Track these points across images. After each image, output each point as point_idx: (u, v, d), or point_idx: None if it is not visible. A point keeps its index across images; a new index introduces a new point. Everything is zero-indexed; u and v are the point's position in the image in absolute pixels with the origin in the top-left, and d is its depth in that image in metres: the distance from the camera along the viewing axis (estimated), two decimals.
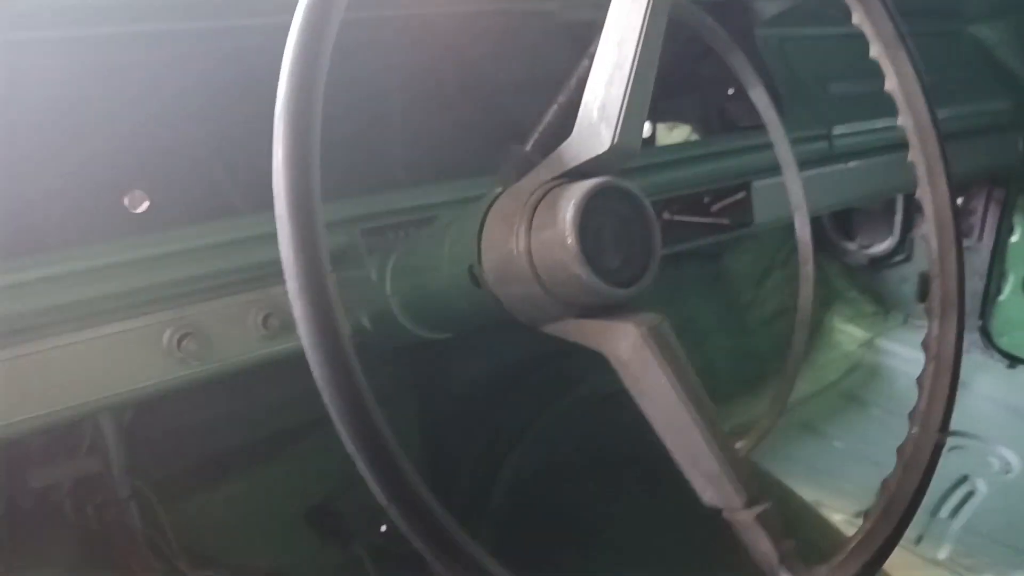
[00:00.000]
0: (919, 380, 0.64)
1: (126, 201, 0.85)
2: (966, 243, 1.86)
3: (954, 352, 0.63)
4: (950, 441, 1.71)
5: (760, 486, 0.54)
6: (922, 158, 0.66)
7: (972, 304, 1.89)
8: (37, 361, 0.70)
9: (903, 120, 0.67)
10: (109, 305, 0.72)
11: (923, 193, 0.66)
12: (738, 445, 0.78)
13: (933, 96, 1.53)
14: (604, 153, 0.57)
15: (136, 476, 1.08)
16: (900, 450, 0.61)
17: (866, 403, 1.93)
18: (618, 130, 0.56)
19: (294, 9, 0.48)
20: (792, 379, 0.87)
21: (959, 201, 1.83)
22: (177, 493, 1.18)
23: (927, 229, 0.66)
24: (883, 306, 2.12)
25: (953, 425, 1.82)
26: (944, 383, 0.62)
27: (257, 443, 1.28)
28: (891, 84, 0.67)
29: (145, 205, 0.86)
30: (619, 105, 0.56)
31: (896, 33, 0.66)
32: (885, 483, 0.60)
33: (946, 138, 1.54)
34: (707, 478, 0.54)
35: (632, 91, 0.56)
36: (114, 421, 0.99)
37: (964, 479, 1.64)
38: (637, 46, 0.56)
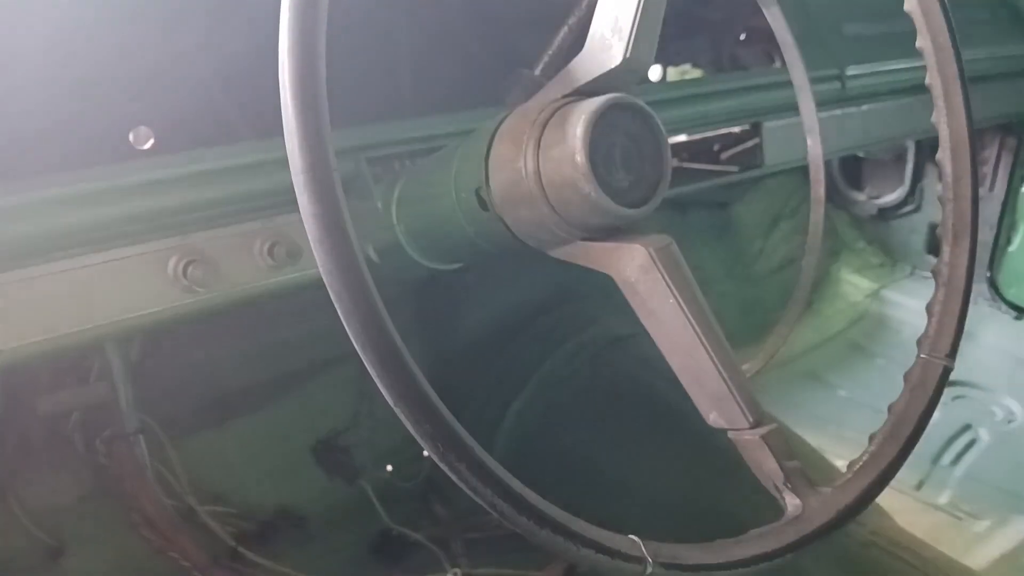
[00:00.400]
0: (928, 306, 0.63)
1: (131, 137, 0.85)
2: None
3: (965, 278, 0.62)
4: (954, 390, 1.73)
5: None
6: (939, 80, 0.64)
7: (980, 256, 1.87)
8: (42, 285, 0.69)
9: (921, 42, 0.66)
10: (114, 230, 0.72)
11: (939, 116, 0.65)
12: (745, 367, 0.78)
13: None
14: (616, 68, 0.56)
15: (145, 412, 1.08)
16: (907, 375, 0.61)
17: (871, 353, 1.93)
18: (631, 44, 0.55)
19: None
20: (801, 304, 0.86)
21: None
22: (185, 429, 1.19)
23: (941, 154, 0.65)
24: (890, 257, 2.11)
25: (959, 375, 1.82)
26: (953, 309, 0.61)
27: (264, 381, 1.28)
28: (910, 5, 0.65)
29: (150, 142, 0.85)
30: (632, 18, 0.55)
31: None
32: (891, 407, 0.60)
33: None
34: (713, 399, 0.54)
35: (645, 4, 0.55)
36: (121, 353, 0.99)
37: (967, 428, 1.65)
38: None
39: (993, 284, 1.90)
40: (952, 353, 0.60)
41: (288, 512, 1.26)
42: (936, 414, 1.70)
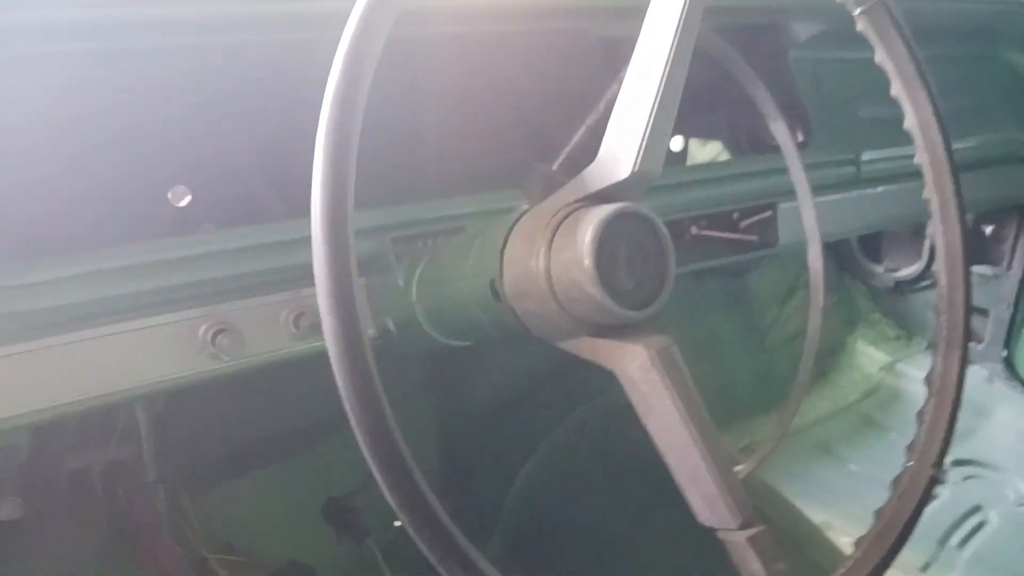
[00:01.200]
0: (919, 414, 0.65)
1: (169, 195, 0.90)
2: (994, 271, 1.85)
3: (955, 389, 0.64)
4: (965, 470, 1.72)
5: (766, 504, 0.56)
6: (936, 195, 0.68)
7: (997, 334, 1.88)
8: (79, 350, 0.74)
9: (920, 157, 0.69)
10: (149, 300, 0.76)
11: (936, 229, 0.68)
12: (737, 468, 0.80)
13: (966, 120, 1.53)
14: (625, 179, 0.60)
15: (164, 464, 1.12)
16: (896, 480, 0.63)
17: (884, 427, 1.92)
18: (639, 159, 0.59)
19: (340, 28, 0.51)
20: (796, 406, 0.89)
21: (988, 230, 1.85)
22: (202, 481, 1.22)
23: (937, 265, 0.67)
24: (906, 330, 2.11)
25: (972, 454, 1.81)
26: (943, 419, 0.63)
27: (280, 438, 1.32)
28: (910, 122, 0.69)
29: (187, 199, 0.91)
30: (641, 135, 0.59)
31: (916, 72, 0.67)
32: (879, 511, 0.62)
33: (977, 165, 1.55)
34: (704, 498, 0.57)
35: (655, 122, 0.59)
36: (147, 410, 1.03)
37: (977, 509, 1.63)
38: (662, 78, 0.59)
39: (1009, 363, 1.90)
40: (940, 461, 0.62)
41: (297, 566, 1.29)
42: (945, 494, 1.71)
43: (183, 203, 0.91)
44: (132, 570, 1.12)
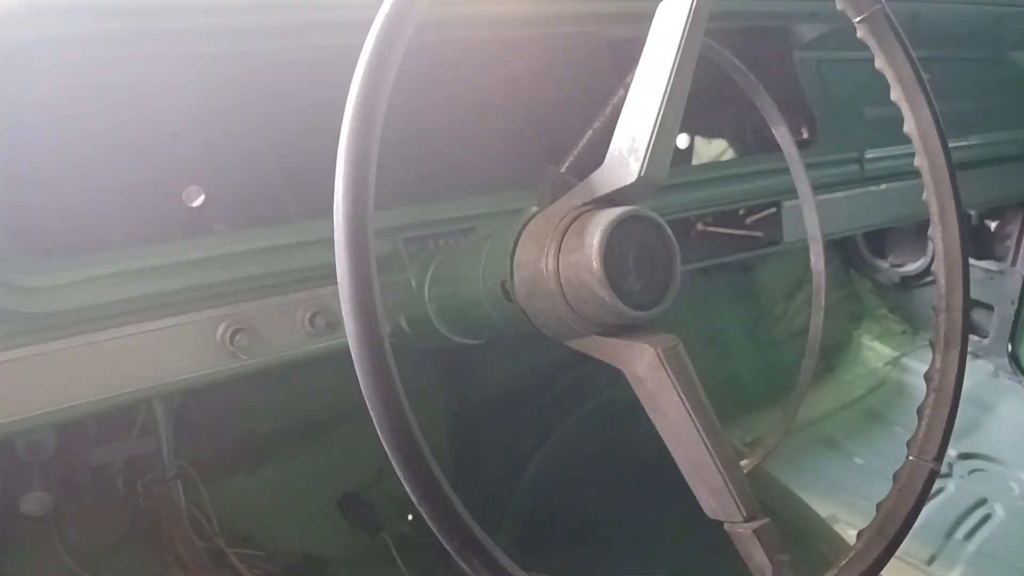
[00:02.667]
0: (919, 410, 0.67)
1: (184, 196, 0.93)
2: (999, 267, 1.86)
3: (954, 386, 0.66)
4: (971, 463, 1.74)
5: (772, 497, 0.58)
6: (935, 199, 0.69)
7: (1002, 329, 1.90)
8: (102, 349, 0.76)
9: (919, 161, 0.71)
10: (169, 300, 0.79)
11: (935, 232, 0.69)
12: (742, 463, 0.82)
13: (971, 119, 1.54)
14: (632, 184, 0.61)
15: (182, 457, 1.15)
16: (896, 475, 0.65)
17: (890, 421, 1.94)
18: (645, 164, 0.60)
19: (355, 36, 0.53)
20: (798, 404, 0.91)
21: (993, 226, 1.86)
22: (219, 474, 1.25)
23: (936, 266, 0.69)
24: (912, 325, 2.13)
25: (977, 448, 1.82)
26: (942, 415, 0.65)
27: (296, 431, 1.35)
28: (909, 126, 0.71)
29: (201, 199, 0.93)
30: (647, 141, 0.60)
31: (915, 78, 0.69)
32: (880, 505, 0.64)
33: (982, 163, 1.56)
34: (711, 492, 0.59)
35: (660, 128, 0.60)
36: (166, 406, 1.06)
37: (982, 502, 1.65)
38: (667, 87, 0.61)
39: (1015, 358, 1.91)
40: (939, 456, 0.64)
41: (312, 558, 1.32)
42: (951, 487, 1.72)
43: (196, 203, 0.93)
44: (152, 562, 1.15)
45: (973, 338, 1.95)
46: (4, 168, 0.71)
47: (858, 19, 0.69)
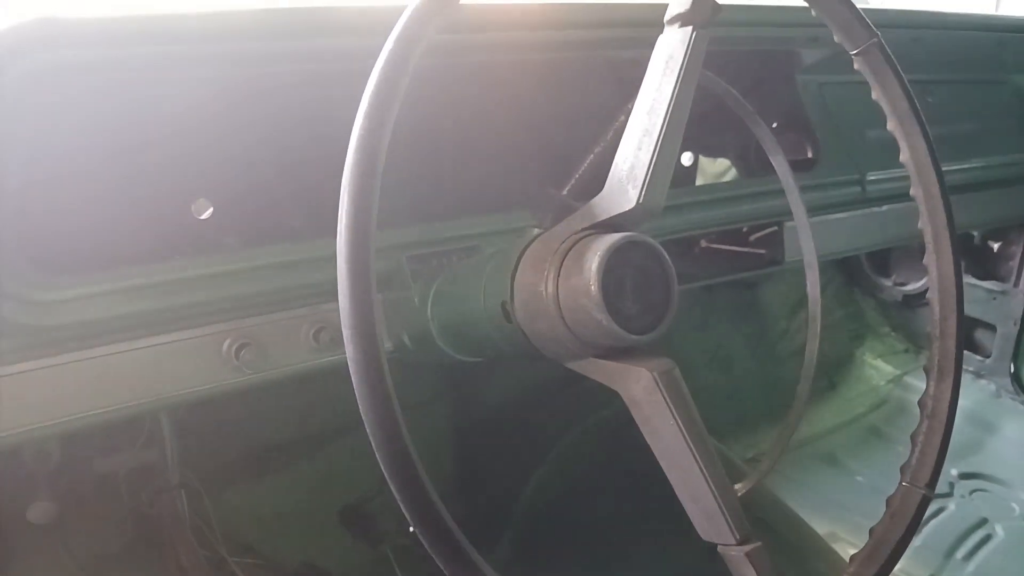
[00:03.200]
0: (913, 436, 0.68)
1: (192, 208, 0.94)
2: (1001, 287, 1.87)
3: (947, 413, 0.67)
4: (972, 483, 1.74)
5: (771, 515, 0.58)
6: (930, 228, 0.70)
7: (1004, 349, 1.90)
8: (110, 362, 0.78)
9: (914, 191, 0.72)
10: (176, 315, 0.80)
11: (929, 260, 0.71)
12: (736, 486, 0.83)
13: (974, 141, 1.55)
14: (630, 210, 0.63)
15: (186, 467, 1.16)
16: (889, 500, 0.66)
17: (891, 439, 1.95)
18: (643, 191, 0.62)
19: (370, 63, 0.55)
20: (793, 427, 0.92)
21: (996, 247, 1.86)
22: (223, 485, 1.26)
23: (931, 294, 0.70)
24: (915, 344, 2.13)
25: (979, 468, 1.82)
26: (935, 442, 0.66)
27: (298, 442, 1.36)
28: (905, 157, 0.72)
29: (209, 212, 0.95)
30: (646, 169, 0.62)
31: (911, 109, 0.70)
32: (872, 530, 0.65)
33: (985, 185, 1.57)
34: (704, 514, 0.60)
35: (659, 156, 0.62)
36: (171, 417, 1.07)
37: (983, 522, 1.65)
38: (665, 116, 0.62)
39: (1017, 378, 1.91)
40: (932, 483, 0.65)
41: (313, 568, 1.33)
42: (952, 507, 1.72)
43: (204, 216, 0.95)
44: (155, 571, 1.16)
45: (975, 358, 1.95)
46: (18, 185, 0.73)
47: (854, 52, 0.70)
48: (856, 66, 0.71)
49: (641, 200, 0.62)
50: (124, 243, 0.87)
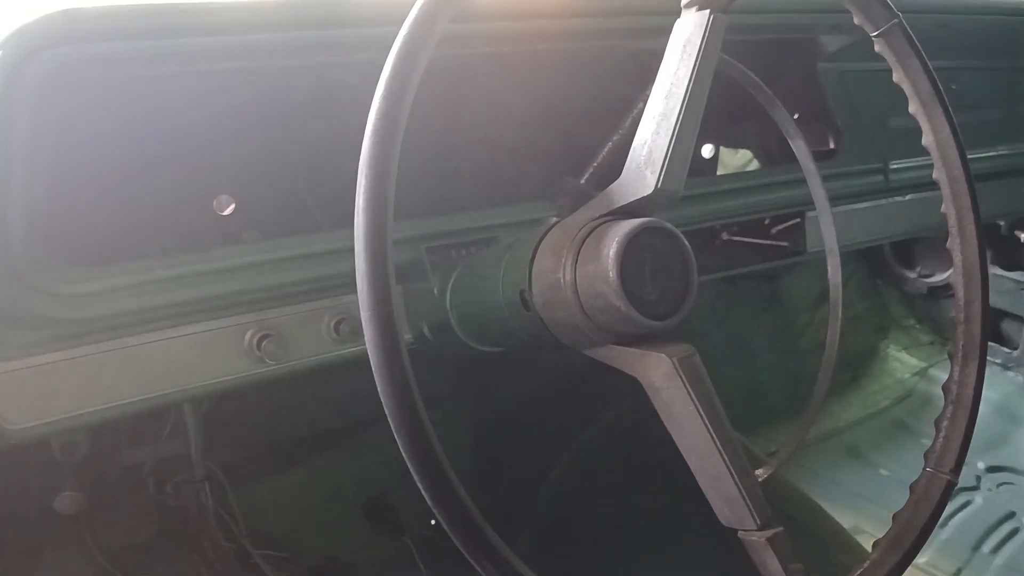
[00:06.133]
0: (937, 421, 0.67)
1: (215, 204, 0.95)
2: None
3: (972, 398, 0.66)
4: (999, 476, 1.71)
5: (794, 506, 0.58)
6: (954, 211, 0.69)
7: None
8: (134, 354, 0.79)
9: (937, 174, 0.71)
10: (199, 307, 0.81)
11: (953, 244, 0.70)
12: (757, 472, 0.83)
13: (998, 129, 1.53)
14: (648, 196, 0.62)
15: (211, 459, 1.17)
16: (913, 486, 0.65)
17: (916, 432, 1.92)
18: (662, 176, 0.61)
19: (386, 53, 0.55)
20: (814, 414, 0.91)
21: (1023, 237, 1.83)
22: (246, 477, 1.27)
23: (955, 278, 0.69)
24: (940, 336, 2.10)
25: (1007, 462, 1.79)
26: (960, 427, 0.65)
27: (321, 435, 1.37)
28: (927, 140, 0.71)
29: (231, 208, 0.96)
30: (664, 154, 0.61)
31: (933, 91, 0.69)
32: (896, 516, 0.64)
33: (1012, 173, 1.54)
34: (725, 500, 0.59)
35: (676, 141, 0.61)
36: (194, 409, 1.08)
37: (1011, 516, 1.63)
38: (683, 101, 0.62)
39: None
40: (957, 469, 0.64)
41: (336, 560, 1.34)
42: (979, 500, 1.70)
43: (227, 211, 0.96)
44: (181, 561, 1.18)
45: (1003, 350, 1.92)
46: (44, 180, 0.74)
47: (875, 33, 0.69)
48: (877, 48, 0.70)
49: (659, 185, 0.61)
50: (147, 237, 0.88)
